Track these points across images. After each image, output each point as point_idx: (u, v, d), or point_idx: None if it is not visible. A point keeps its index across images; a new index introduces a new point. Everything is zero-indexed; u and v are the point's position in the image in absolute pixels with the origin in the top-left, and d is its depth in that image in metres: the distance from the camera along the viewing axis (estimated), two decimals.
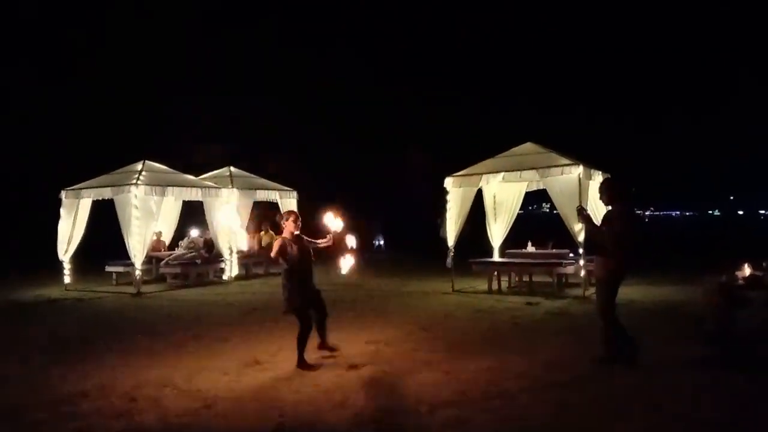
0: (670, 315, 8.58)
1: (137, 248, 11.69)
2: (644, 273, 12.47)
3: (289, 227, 5.97)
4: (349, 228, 6.21)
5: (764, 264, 7.37)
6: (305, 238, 6.10)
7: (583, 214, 5.92)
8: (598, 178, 11.23)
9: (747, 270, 7.38)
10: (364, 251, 22.68)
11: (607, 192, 5.88)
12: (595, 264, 5.92)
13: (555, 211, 11.69)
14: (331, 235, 6.12)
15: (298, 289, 5.88)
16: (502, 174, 10.98)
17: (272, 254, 5.88)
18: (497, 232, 12.59)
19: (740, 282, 7.19)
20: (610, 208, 5.84)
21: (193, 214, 14.86)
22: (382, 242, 24.43)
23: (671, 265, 14.79)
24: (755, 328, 6.66)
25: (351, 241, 6.12)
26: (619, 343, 5.68)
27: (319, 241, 6.20)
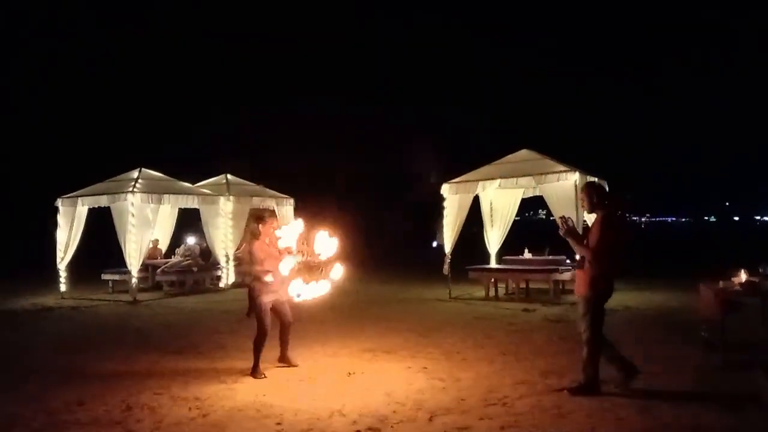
0: (666, 321, 8.58)
1: (134, 256, 11.67)
2: (640, 279, 12.49)
3: (266, 231, 6.08)
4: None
5: (761, 270, 7.37)
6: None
7: (567, 225, 5.08)
8: None
9: (743, 276, 7.39)
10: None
11: (587, 198, 5.15)
12: (576, 280, 5.08)
13: (551, 218, 11.69)
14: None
15: (265, 292, 6.03)
16: (499, 181, 11.01)
17: (262, 264, 5.95)
18: (494, 238, 12.61)
19: (737, 288, 7.19)
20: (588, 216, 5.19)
21: (189, 221, 14.83)
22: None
23: (667, 272, 14.81)
24: (753, 334, 6.66)
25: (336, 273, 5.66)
26: (616, 364, 5.06)
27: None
